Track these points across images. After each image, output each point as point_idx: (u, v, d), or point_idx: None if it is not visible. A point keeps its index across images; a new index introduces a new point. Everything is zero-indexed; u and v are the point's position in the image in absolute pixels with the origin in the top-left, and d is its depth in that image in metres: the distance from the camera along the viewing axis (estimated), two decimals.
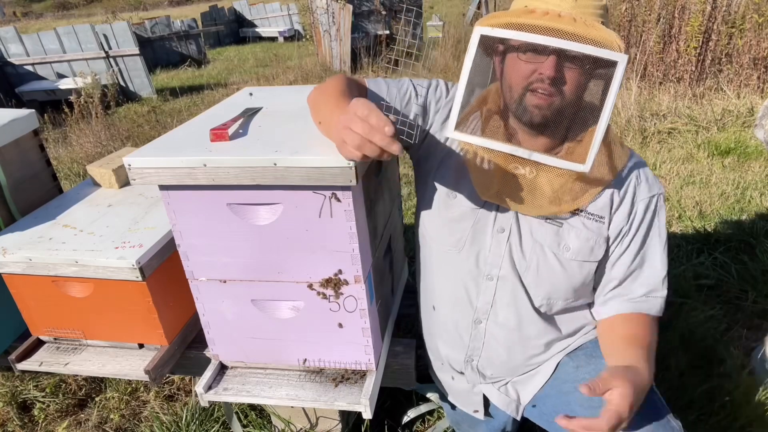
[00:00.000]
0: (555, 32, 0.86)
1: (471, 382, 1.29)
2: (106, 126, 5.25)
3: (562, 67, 0.93)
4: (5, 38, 6.92)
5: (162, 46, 9.96)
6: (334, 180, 0.95)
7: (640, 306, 1.12)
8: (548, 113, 0.97)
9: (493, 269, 1.14)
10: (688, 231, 2.75)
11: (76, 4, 32.29)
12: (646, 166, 1.12)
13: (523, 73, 0.97)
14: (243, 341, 1.22)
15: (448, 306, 1.25)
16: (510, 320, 1.17)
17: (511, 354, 1.21)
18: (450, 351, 1.30)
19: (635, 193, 1.08)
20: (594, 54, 0.86)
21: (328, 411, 1.47)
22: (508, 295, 1.15)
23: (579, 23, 0.89)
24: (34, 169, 1.57)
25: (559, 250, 1.09)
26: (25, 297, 1.34)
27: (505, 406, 1.25)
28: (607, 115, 0.89)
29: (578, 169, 0.94)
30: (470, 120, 1.05)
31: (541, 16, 0.91)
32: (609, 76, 0.89)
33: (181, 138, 1.11)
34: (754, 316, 2.14)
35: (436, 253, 1.23)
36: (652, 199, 1.10)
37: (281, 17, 13.36)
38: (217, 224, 1.07)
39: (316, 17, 8.69)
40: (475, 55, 0.94)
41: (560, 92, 0.95)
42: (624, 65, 0.85)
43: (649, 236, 1.11)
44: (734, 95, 4.75)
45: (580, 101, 0.97)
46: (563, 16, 0.90)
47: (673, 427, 1.02)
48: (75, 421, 1.83)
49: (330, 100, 1.01)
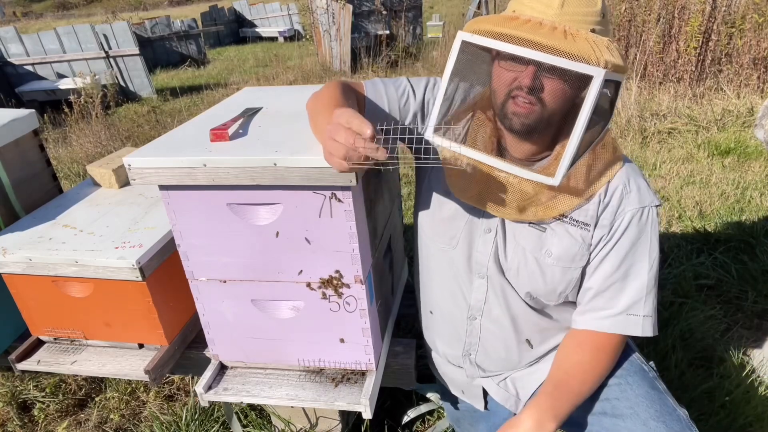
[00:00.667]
0: (529, 44, 0.85)
1: (470, 376, 1.29)
2: (106, 126, 5.25)
3: (540, 77, 0.92)
4: (5, 38, 6.92)
5: (162, 46, 9.96)
6: (334, 180, 0.95)
7: (617, 325, 1.07)
8: (527, 122, 0.96)
9: (482, 268, 1.15)
10: (688, 231, 2.75)
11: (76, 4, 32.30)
12: (641, 176, 1.08)
13: (505, 79, 0.97)
14: (243, 341, 1.22)
15: (444, 302, 1.26)
16: (503, 316, 1.17)
17: (507, 348, 1.21)
18: (447, 346, 1.30)
19: (621, 201, 1.05)
20: (566, 67, 0.84)
21: (328, 411, 1.47)
22: (499, 293, 1.15)
23: (557, 33, 0.86)
24: (34, 169, 1.57)
25: (541, 255, 1.08)
26: (25, 297, 1.34)
27: (504, 400, 1.26)
28: (580, 129, 0.87)
29: (548, 182, 0.92)
30: (450, 123, 1.04)
31: (523, 24, 0.89)
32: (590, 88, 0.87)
33: (181, 138, 1.11)
34: (754, 316, 2.14)
35: (432, 250, 1.24)
36: (643, 211, 1.04)
37: (281, 17, 13.37)
38: (217, 224, 1.07)
39: (316, 17, 8.69)
40: (459, 59, 0.95)
41: (540, 101, 0.94)
42: (600, 80, 0.83)
43: (635, 249, 1.05)
44: (734, 95, 4.75)
45: (562, 111, 0.96)
46: (544, 25, 0.88)
47: (680, 416, 1.03)
48: (75, 421, 1.83)
49: (324, 110, 1.00)
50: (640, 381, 1.09)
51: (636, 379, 1.10)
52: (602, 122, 0.98)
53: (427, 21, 9.51)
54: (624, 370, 1.12)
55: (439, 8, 12.84)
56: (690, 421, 1.02)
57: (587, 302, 1.10)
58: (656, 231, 1.06)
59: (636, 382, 1.09)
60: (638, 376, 1.10)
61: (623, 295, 1.07)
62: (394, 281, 1.49)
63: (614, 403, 1.07)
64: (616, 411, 1.06)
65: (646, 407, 1.03)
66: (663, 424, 1.00)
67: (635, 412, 1.03)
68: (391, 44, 8.14)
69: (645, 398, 1.05)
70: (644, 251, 1.06)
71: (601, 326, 1.08)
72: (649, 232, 1.06)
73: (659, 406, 1.03)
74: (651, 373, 1.13)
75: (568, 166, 0.90)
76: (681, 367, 1.84)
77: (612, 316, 1.07)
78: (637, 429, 1.01)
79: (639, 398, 1.05)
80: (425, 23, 9.34)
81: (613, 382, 1.11)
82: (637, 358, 1.16)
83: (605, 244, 1.06)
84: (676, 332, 1.98)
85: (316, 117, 1.03)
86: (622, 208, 1.04)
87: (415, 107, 1.15)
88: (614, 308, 1.07)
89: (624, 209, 1.04)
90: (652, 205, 1.05)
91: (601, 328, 1.08)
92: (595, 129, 0.96)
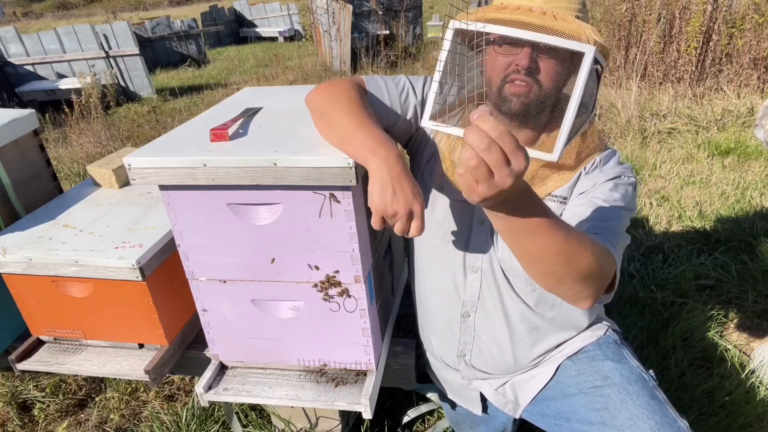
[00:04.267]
0: (521, 24, 0.89)
1: (466, 378, 1.29)
2: (106, 126, 5.25)
3: (536, 58, 0.96)
4: (5, 38, 6.92)
5: (162, 46, 9.96)
6: (334, 180, 0.95)
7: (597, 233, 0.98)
8: (526, 101, 0.98)
9: (476, 261, 1.15)
10: (688, 231, 2.75)
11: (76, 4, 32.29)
12: (620, 159, 1.12)
13: (500, 65, 0.99)
14: (243, 341, 1.22)
15: (438, 300, 1.26)
16: (497, 313, 1.17)
17: (501, 349, 1.21)
18: (442, 346, 1.30)
19: (601, 168, 1.07)
20: (557, 45, 0.87)
21: (328, 411, 1.47)
22: (493, 287, 1.15)
23: (548, 16, 0.91)
24: (34, 169, 1.57)
25: None
26: (25, 297, 1.34)
27: (502, 405, 1.26)
28: (575, 103, 0.89)
29: (547, 158, 0.91)
30: (446, 111, 1.04)
31: (513, 11, 0.94)
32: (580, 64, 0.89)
33: (181, 138, 1.11)
34: (754, 316, 2.14)
35: (425, 246, 1.24)
36: (624, 172, 1.06)
37: (281, 17, 13.38)
38: (217, 224, 1.07)
39: (316, 17, 8.70)
40: (452, 48, 0.96)
41: (537, 82, 0.97)
42: (591, 56, 0.85)
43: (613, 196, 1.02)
44: (734, 95, 4.75)
45: (558, 92, 0.97)
46: (534, 11, 0.93)
47: (680, 427, 1.02)
48: (75, 421, 1.83)
49: (346, 112, 0.98)
50: (640, 390, 1.09)
51: (636, 388, 1.09)
52: (591, 105, 1.00)
53: (427, 21, 9.51)
54: (624, 378, 1.11)
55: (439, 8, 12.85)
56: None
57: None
58: (635, 195, 1.07)
59: (636, 392, 1.08)
60: (638, 385, 1.10)
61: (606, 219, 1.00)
62: (394, 281, 1.49)
63: (614, 414, 1.07)
64: (616, 422, 1.05)
65: (646, 418, 1.03)
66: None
67: (635, 424, 1.03)
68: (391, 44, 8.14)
69: (645, 409, 1.04)
70: (621, 200, 1.02)
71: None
72: (630, 192, 1.05)
73: (659, 417, 1.03)
74: (651, 382, 1.12)
75: (565, 140, 0.90)
76: (681, 367, 1.84)
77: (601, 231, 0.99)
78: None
79: (639, 409, 1.05)
80: (425, 23, 9.34)
81: (613, 391, 1.10)
82: (636, 366, 1.16)
83: (583, 195, 1.05)
84: (676, 332, 1.98)
85: (334, 119, 1.00)
86: (601, 170, 1.07)
87: (415, 102, 1.15)
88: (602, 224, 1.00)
89: (604, 171, 1.07)
90: (631, 174, 1.08)
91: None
92: (584, 113, 0.98)
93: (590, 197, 1.04)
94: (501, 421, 1.35)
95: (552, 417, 1.19)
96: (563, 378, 1.20)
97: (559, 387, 1.20)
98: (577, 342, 1.22)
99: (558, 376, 1.21)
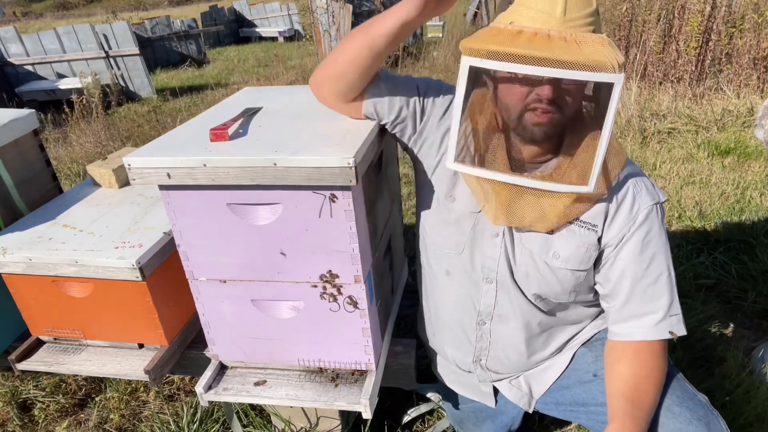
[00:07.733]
0: (548, 62, 0.83)
1: (482, 380, 1.30)
2: (106, 126, 5.24)
3: (560, 89, 0.93)
4: (5, 38, 6.91)
5: (162, 46, 9.95)
6: (334, 180, 0.95)
7: (664, 330, 1.06)
8: (549, 130, 0.98)
9: (491, 273, 1.15)
10: (688, 231, 2.75)
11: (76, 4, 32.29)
12: (645, 175, 1.10)
13: (520, 94, 0.96)
14: (243, 341, 1.22)
15: (452, 308, 1.25)
16: (513, 320, 1.17)
17: (518, 352, 1.21)
18: (456, 352, 1.30)
19: (634, 200, 1.06)
20: (587, 79, 0.87)
21: (328, 411, 1.47)
22: (508, 297, 1.15)
23: (570, 44, 0.85)
24: (34, 169, 1.57)
25: (549, 258, 1.09)
26: (25, 297, 1.34)
27: (518, 399, 1.26)
28: (607, 136, 0.89)
29: (582, 191, 0.96)
30: (467, 146, 1.03)
31: (531, 38, 0.87)
32: (607, 90, 0.89)
33: (181, 138, 1.11)
34: (754, 316, 2.14)
35: (437, 255, 1.23)
36: (655, 207, 1.07)
37: (281, 17, 13.37)
38: (217, 224, 1.07)
39: (316, 17, 8.69)
40: (469, 84, 0.94)
41: (559, 109, 0.95)
42: (621, 85, 0.85)
43: (653, 243, 1.07)
44: (734, 95, 4.75)
45: (580, 115, 0.98)
46: (553, 37, 0.86)
47: (700, 401, 1.04)
48: (75, 421, 1.83)
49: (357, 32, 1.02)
50: None
51: None
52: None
53: (427, 21, 9.50)
54: None
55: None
56: (710, 405, 1.03)
57: (621, 308, 1.09)
58: (664, 225, 1.09)
59: None
60: None
61: (659, 296, 1.06)
62: (394, 281, 1.49)
63: None
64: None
65: (668, 393, 1.04)
66: (687, 409, 1.01)
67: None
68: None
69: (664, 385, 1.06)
70: (660, 244, 1.07)
71: (651, 335, 1.06)
72: (662, 226, 1.08)
73: (680, 392, 1.04)
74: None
75: (599, 171, 0.92)
76: (681, 367, 1.84)
77: (658, 322, 1.06)
78: (662, 415, 1.01)
79: None
80: (425, 23, 9.33)
81: None
82: None
83: (626, 242, 1.06)
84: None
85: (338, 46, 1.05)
86: (637, 206, 1.06)
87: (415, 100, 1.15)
88: (657, 313, 1.06)
89: (639, 207, 1.06)
90: (661, 201, 1.08)
91: (652, 336, 1.06)
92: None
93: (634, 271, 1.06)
94: (510, 416, 1.35)
95: (567, 405, 1.19)
96: (579, 365, 1.21)
97: (575, 374, 1.20)
98: (590, 330, 1.23)
99: (574, 363, 1.22)
